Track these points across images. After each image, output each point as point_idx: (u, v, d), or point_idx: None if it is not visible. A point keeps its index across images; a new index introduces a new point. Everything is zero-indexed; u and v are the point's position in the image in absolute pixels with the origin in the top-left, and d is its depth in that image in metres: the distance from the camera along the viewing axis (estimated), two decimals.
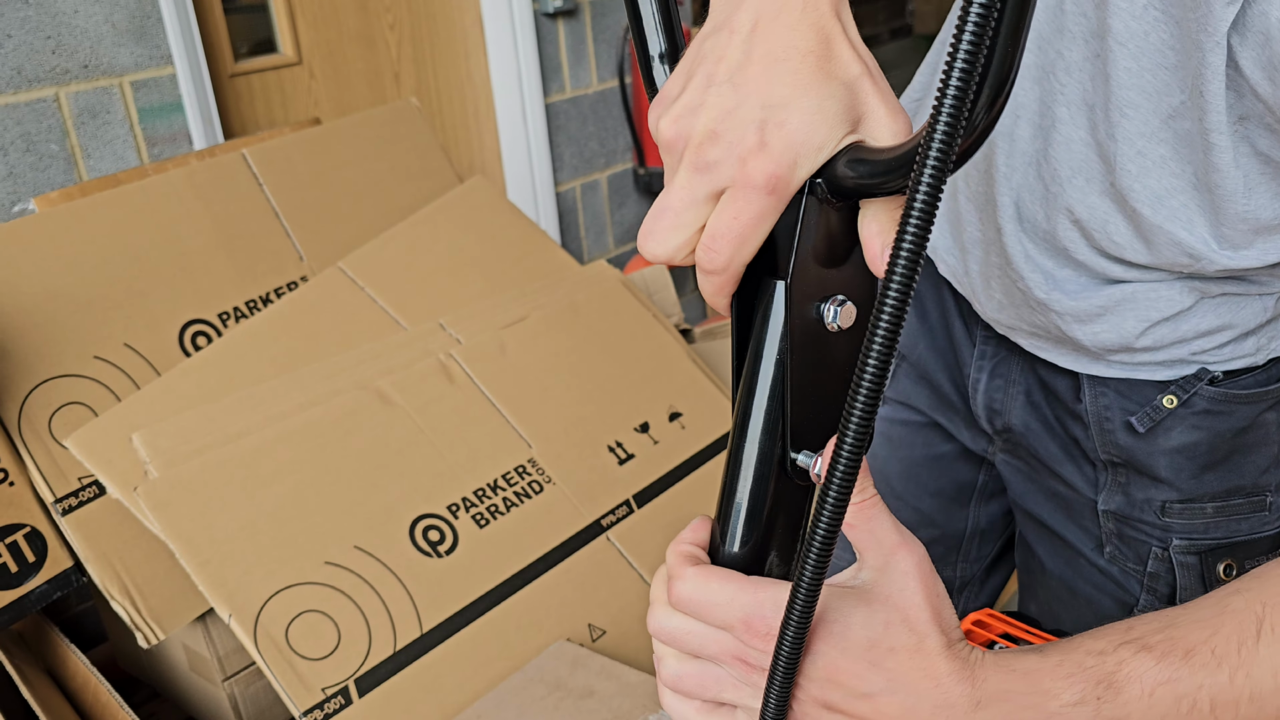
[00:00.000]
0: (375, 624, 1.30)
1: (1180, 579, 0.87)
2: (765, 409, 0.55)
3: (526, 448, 1.56)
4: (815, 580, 0.46)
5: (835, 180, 0.51)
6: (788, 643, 0.47)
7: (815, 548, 0.45)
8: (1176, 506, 0.86)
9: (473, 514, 1.45)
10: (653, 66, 0.60)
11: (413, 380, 1.54)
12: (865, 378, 0.42)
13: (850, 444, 0.43)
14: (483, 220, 1.84)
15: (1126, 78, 0.68)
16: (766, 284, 0.55)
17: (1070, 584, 0.95)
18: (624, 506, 1.57)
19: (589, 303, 1.80)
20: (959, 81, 0.37)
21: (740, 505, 0.56)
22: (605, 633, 1.44)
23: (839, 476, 0.44)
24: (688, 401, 1.75)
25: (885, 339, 0.40)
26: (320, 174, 1.72)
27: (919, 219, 0.38)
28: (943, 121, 0.38)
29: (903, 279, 0.40)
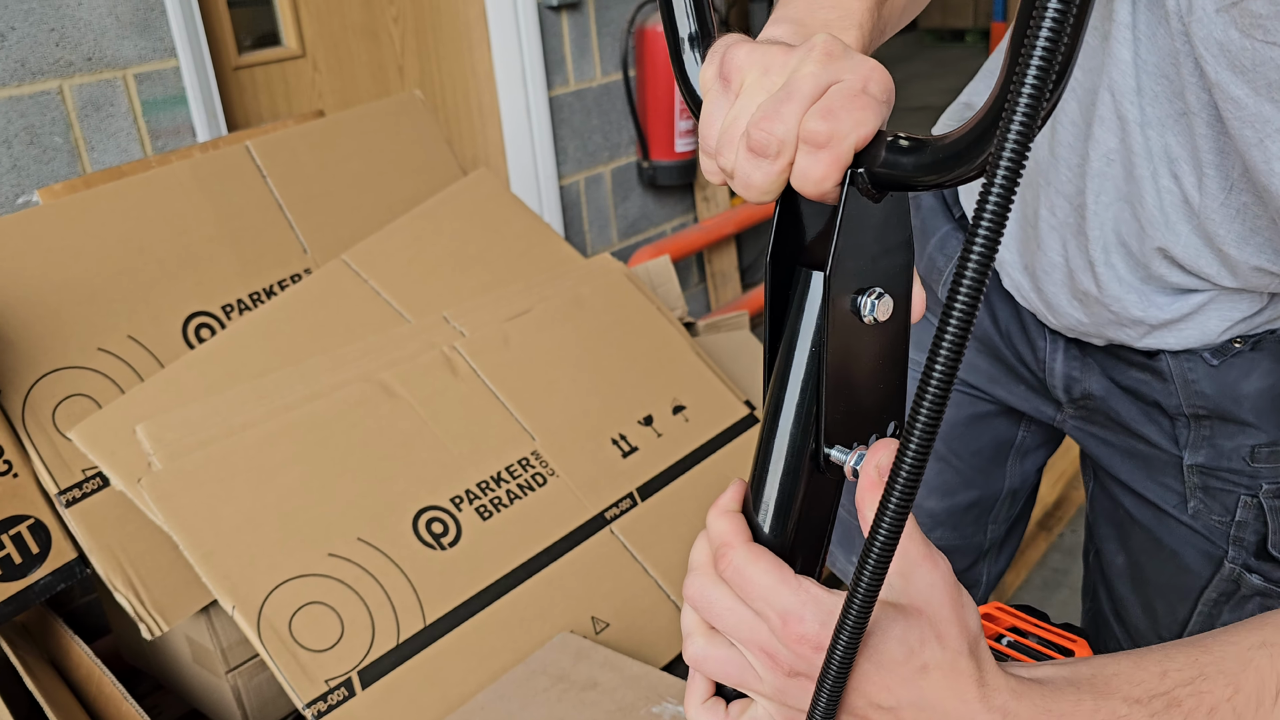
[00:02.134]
0: (378, 616, 1.30)
1: (1272, 523, 0.90)
2: (798, 402, 0.54)
3: (530, 440, 1.55)
4: (871, 593, 0.44)
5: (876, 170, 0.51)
6: (839, 653, 0.46)
7: (873, 558, 0.43)
8: (1264, 451, 0.89)
9: (476, 506, 1.45)
10: (682, 49, 0.60)
11: (416, 373, 1.54)
12: (933, 379, 0.39)
13: (914, 451, 0.40)
14: (487, 213, 1.84)
15: (1203, 143, 0.72)
16: (803, 275, 0.54)
17: (1158, 535, 0.98)
18: (628, 499, 1.57)
19: (593, 295, 1.79)
20: (1042, 58, 0.35)
21: (770, 498, 0.56)
22: (609, 625, 1.44)
23: (900, 488, 0.41)
24: (691, 395, 1.75)
25: (956, 335, 0.38)
26: (324, 166, 1.72)
27: (998, 200, 0.36)
28: (1025, 97, 0.36)
29: (972, 285, 0.37)
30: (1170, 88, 0.73)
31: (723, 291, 3.43)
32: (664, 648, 1.46)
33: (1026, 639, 0.80)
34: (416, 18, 2.56)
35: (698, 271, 3.43)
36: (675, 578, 1.52)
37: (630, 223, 3.19)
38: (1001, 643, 0.81)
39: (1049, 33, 0.34)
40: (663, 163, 3.08)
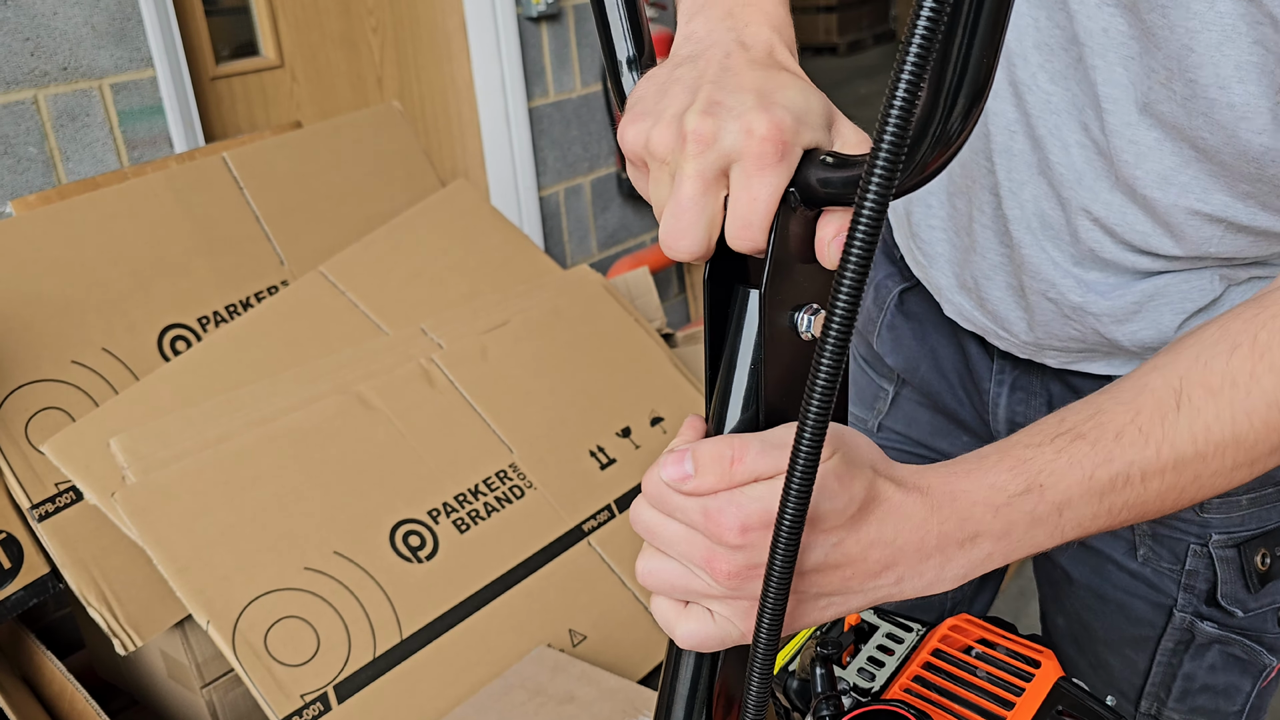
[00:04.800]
0: (355, 630, 1.30)
1: (1221, 573, 0.88)
2: (740, 418, 0.55)
3: (508, 452, 1.55)
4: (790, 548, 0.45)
5: (808, 187, 0.51)
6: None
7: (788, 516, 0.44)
8: (1215, 501, 0.87)
9: (454, 519, 1.45)
10: (621, 72, 0.60)
11: (394, 385, 1.53)
12: (820, 377, 0.42)
13: (809, 438, 0.42)
14: (465, 224, 1.84)
15: (1098, 75, 0.70)
16: (739, 292, 0.55)
17: (1099, 590, 0.95)
18: (605, 511, 1.57)
19: (571, 307, 1.80)
20: (908, 84, 0.37)
21: None
22: (586, 638, 1.44)
23: (800, 469, 0.43)
24: (670, 406, 1.75)
25: (841, 326, 0.40)
26: (301, 177, 1.71)
27: (867, 225, 0.38)
28: (893, 120, 0.37)
29: (855, 274, 0.39)
30: (1059, 29, 0.71)
31: (699, 302, 3.44)
32: (642, 659, 1.46)
33: (994, 650, 0.81)
34: (396, 28, 2.56)
35: (677, 282, 3.44)
36: None
37: (610, 234, 3.19)
38: (969, 654, 0.81)
39: (921, 36, 0.35)
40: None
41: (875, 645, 0.83)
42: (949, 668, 0.79)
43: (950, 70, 0.43)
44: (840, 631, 0.86)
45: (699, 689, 0.58)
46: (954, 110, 0.44)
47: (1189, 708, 0.92)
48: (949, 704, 0.75)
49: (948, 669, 0.79)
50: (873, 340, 1.03)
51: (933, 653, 0.80)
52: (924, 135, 0.44)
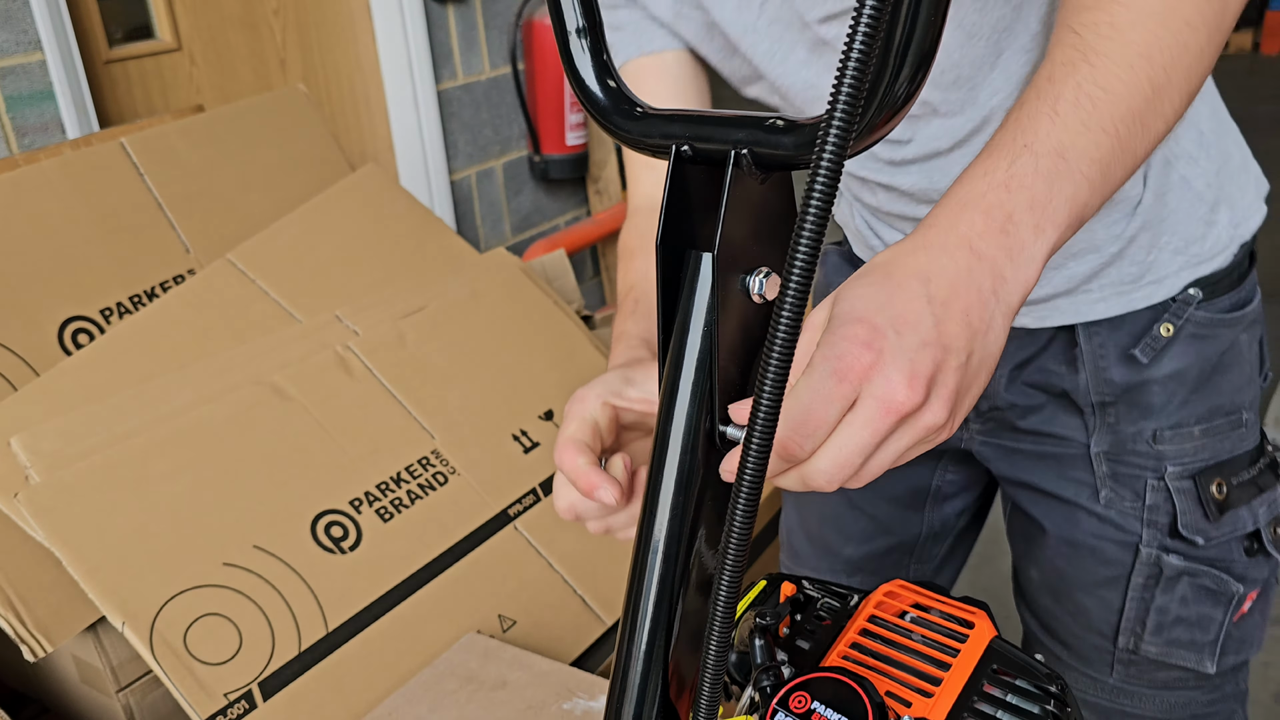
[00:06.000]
0: (278, 625, 1.26)
1: (1179, 505, 0.93)
2: (693, 382, 0.55)
3: (429, 439, 1.53)
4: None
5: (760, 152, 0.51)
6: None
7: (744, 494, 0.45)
8: (1167, 433, 0.92)
9: (376, 508, 1.42)
10: (570, 43, 0.59)
11: (310, 374, 1.50)
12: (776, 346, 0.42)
13: (768, 400, 0.43)
14: (377, 209, 1.80)
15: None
16: (692, 257, 0.54)
17: (1070, 538, 1.00)
18: (530, 495, 1.56)
19: (489, 291, 1.78)
20: (863, 43, 0.37)
21: (670, 476, 0.56)
22: (516, 623, 1.43)
23: (758, 434, 0.43)
24: None
25: (799, 286, 0.40)
26: (205, 163, 1.66)
27: (824, 184, 0.38)
28: (848, 79, 0.37)
29: (812, 233, 0.39)
30: None
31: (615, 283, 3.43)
32: (573, 642, 1.46)
33: (929, 613, 0.82)
34: (298, 10, 2.49)
35: (592, 265, 3.43)
36: (580, 572, 1.52)
37: (523, 217, 3.17)
38: (904, 619, 0.83)
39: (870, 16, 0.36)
40: (554, 156, 3.07)
41: (813, 615, 0.84)
42: (885, 633, 0.80)
43: (899, 33, 0.43)
44: (776, 602, 0.87)
45: (653, 676, 0.58)
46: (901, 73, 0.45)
47: (1165, 640, 0.97)
48: (887, 669, 0.76)
49: (884, 634, 0.80)
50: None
51: (869, 619, 0.81)
52: (873, 97, 0.44)
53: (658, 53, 0.92)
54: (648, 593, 0.57)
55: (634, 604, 0.58)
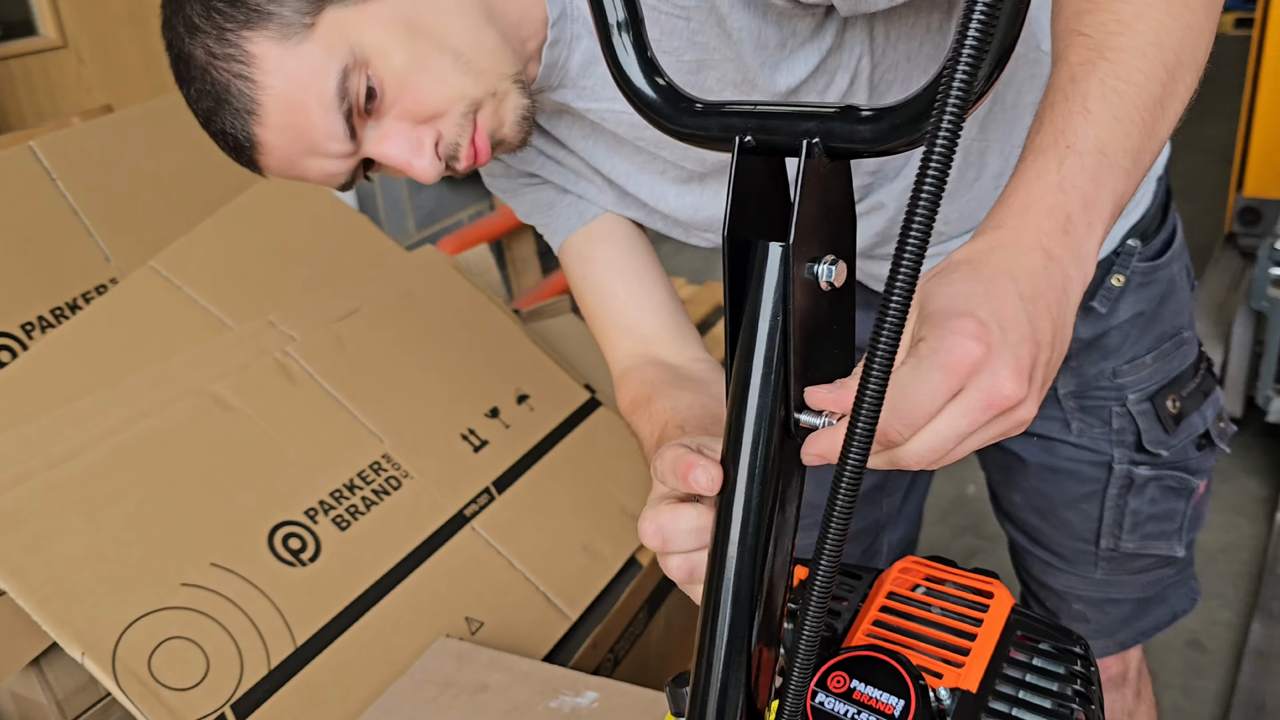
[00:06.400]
0: (245, 644, 1.22)
1: (1142, 425, 1.05)
2: (766, 372, 0.55)
3: (379, 443, 1.50)
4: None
5: (832, 141, 0.52)
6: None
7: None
8: (1125, 367, 1.03)
9: (332, 517, 1.38)
10: (612, 38, 0.59)
11: (250, 382, 1.44)
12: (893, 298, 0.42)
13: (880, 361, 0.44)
14: (300, 208, 1.75)
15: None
16: (760, 247, 0.55)
17: (1050, 465, 1.11)
18: (485, 494, 1.54)
19: (422, 289, 1.74)
20: (976, 38, 0.38)
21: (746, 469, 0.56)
22: (483, 624, 1.41)
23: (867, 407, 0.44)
24: (533, 383, 1.73)
25: (910, 265, 0.41)
26: (120, 166, 1.58)
27: (938, 163, 0.39)
28: (964, 63, 0.38)
29: (922, 220, 0.40)
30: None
31: (524, 278, 3.40)
32: (541, 639, 1.45)
33: (944, 585, 0.85)
34: None
35: (497, 259, 3.39)
36: (541, 569, 1.51)
37: (427, 213, 3.11)
38: (917, 591, 0.85)
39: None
40: None
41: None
42: (905, 608, 0.82)
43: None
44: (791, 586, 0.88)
45: (735, 673, 0.58)
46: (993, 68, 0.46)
47: (1140, 535, 1.10)
48: (913, 643, 0.78)
49: (905, 609, 0.82)
50: None
51: (888, 595, 0.83)
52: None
53: (598, 217, 0.96)
54: (729, 587, 0.57)
55: (714, 600, 0.57)
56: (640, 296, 0.97)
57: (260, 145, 0.76)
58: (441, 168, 0.80)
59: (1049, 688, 0.76)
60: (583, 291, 0.99)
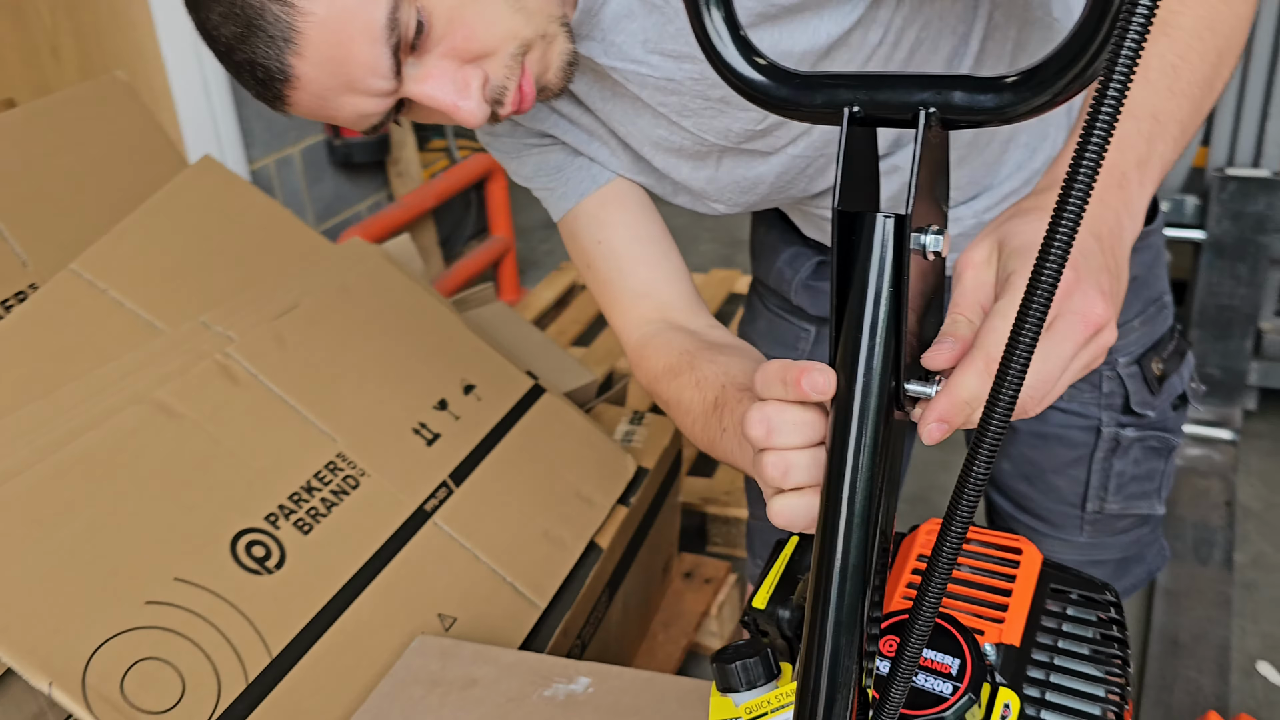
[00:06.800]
0: (219, 660, 1.17)
1: (1130, 387, 1.08)
2: (881, 344, 0.55)
3: (332, 442, 1.45)
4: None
5: (950, 112, 0.52)
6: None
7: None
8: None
9: (294, 521, 1.33)
10: (701, 13, 0.57)
11: (193, 386, 1.38)
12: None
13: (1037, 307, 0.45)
14: (222, 203, 1.67)
15: None
16: (869, 219, 0.55)
17: (1039, 431, 1.13)
18: (443, 488, 1.51)
19: (358, 282, 1.69)
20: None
21: (862, 442, 0.56)
22: (456, 620, 1.38)
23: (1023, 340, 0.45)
24: (478, 373, 1.70)
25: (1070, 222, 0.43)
26: (29, 164, 1.48)
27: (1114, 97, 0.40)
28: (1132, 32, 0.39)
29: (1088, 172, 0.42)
30: None
31: (428, 267, 3.34)
32: (513, 630, 1.43)
33: (970, 544, 0.87)
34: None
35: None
36: (506, 559, 1.49)
37: (326, 205, 3.02)
38: None
39: None
40: (356, 140, 2.94)
41: None
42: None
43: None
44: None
45: (847, 658, 0.58)
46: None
47: (1124, 496, 1.14)
48: (953, 603, 0.80)
49: None
50: (790, 296, 1.13)
51: (917, 558, 0.85)
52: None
53: (611, 181, 0.95)
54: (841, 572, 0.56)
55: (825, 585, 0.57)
56: (659, 260, 0.95)
57: (294, 78, 0.71)
58: (488, 112, 0.76)
59: (1085, 634, 0.78)
60: (595, 257, 0.97)
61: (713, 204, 0.96)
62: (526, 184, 1.00)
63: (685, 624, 2.06)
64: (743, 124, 0.86)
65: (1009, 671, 0.76)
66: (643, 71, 0.83)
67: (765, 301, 1.27)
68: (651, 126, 0.89)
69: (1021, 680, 0.76)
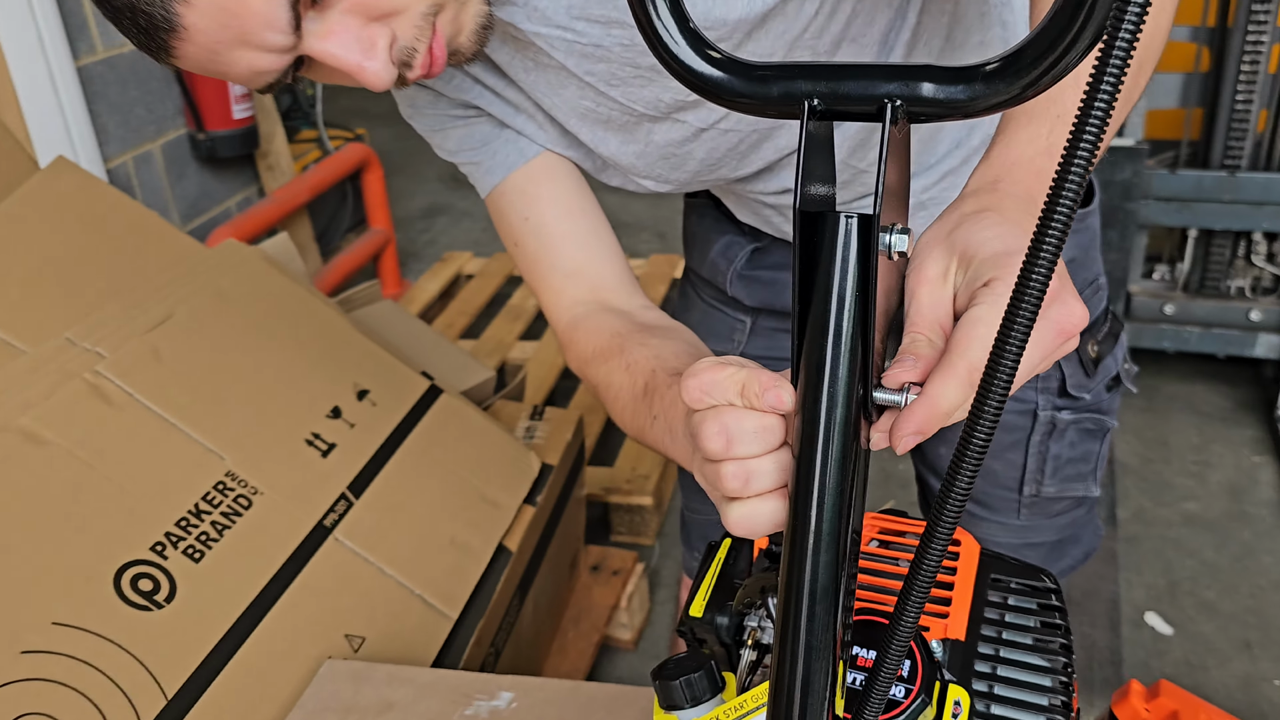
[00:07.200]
0: (109, 708, 1.08)
1: (1066, 370, 1.07)
2: (848, 351, 0.52)
3: (219, 460, 1.36)
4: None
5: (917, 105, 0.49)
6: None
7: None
8: None
9: (183, 549, 1.24)
10: (650, 11, 0.53)
11: (60, 410, 1.27)
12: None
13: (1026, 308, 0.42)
14: (81, 207, 1.55)
15: None
16: (832, 219, 0.51)
17: None
18: (342, 501, 1.43)
19: (236, 287, 1.59)
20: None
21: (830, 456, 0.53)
22: (365, 640, 1.32)
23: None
24: (371, 377, 1.62)
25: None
26: None
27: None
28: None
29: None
30: None
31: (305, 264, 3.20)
32: (426, 645, 1.37)
33: (904, 538, 0.85)
34: None
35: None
36: (413, 571, 1.42)
37: (191, 203, 2.86)
38: (873, 546, 0.85)
39: None
40: (221, 133, 2.79)
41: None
42: (874, 565, 0.82)
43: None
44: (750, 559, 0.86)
45: (820, 674, 0.55)
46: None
47: (1060, 479, 1.13)
48: (893, 600, 0.78)
49: (873, 567, 0.82)
50: (726, 288, 1.10)
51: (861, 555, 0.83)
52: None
53: (539, 155, 0.91)
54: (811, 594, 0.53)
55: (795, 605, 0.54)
56: (590, 238, 0.91)
57: (180, 28, 0.65)
58: (395, 74, 0.71)
59: (1028, 624, 0.78)
60: (523, 234, 0.92)
61: (642, 180, 0.92)
62: (452, 158, 0.95)
63: (595, 619, 2.03)
64: (673, 94, 0.82)
65: (957, 667, 0.75)
66: (568, 38, 0.79)
67: (700, 292, 1.23)
68: (578, 97, 0.85)
69: (970, 675, 0.75)
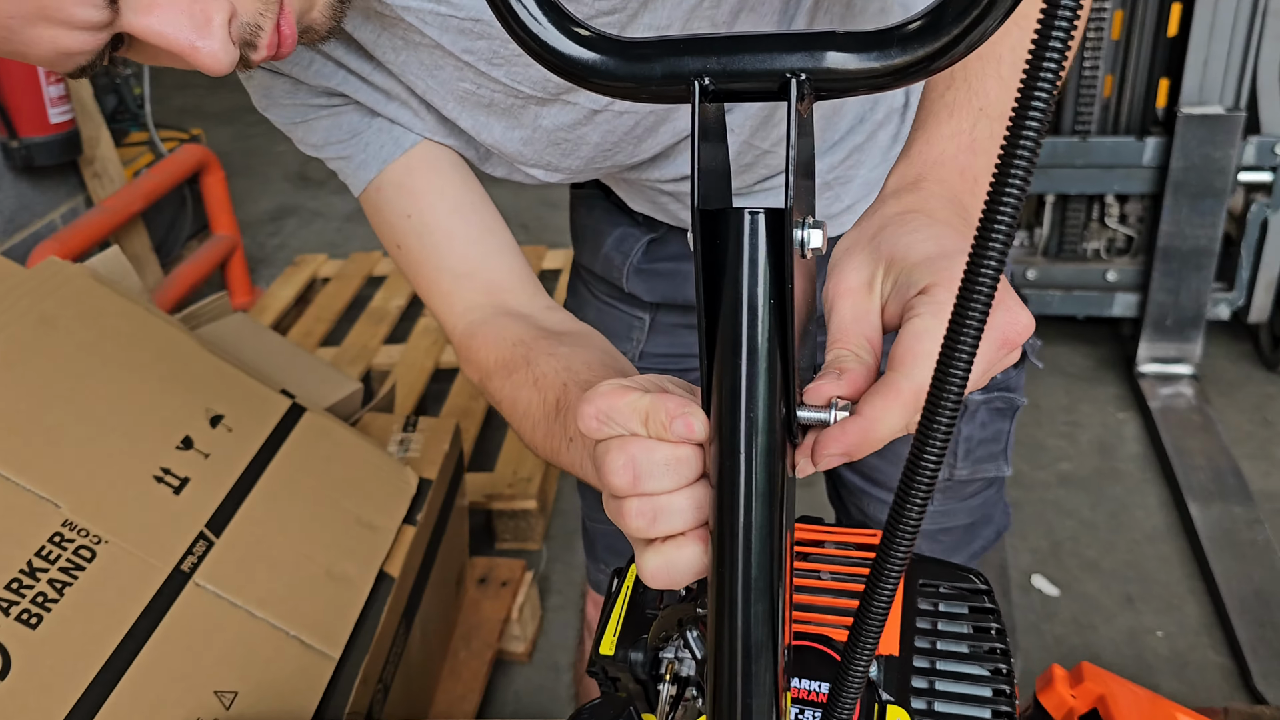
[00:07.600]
0: None
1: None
2: (766, 368, 0.45)
3: (54, 509, 1.21)
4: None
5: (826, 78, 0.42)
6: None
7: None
8: None
9: (16, 615, 1.10)
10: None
11: None
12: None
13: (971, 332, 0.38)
14: None
15: None
16: (736, 216, 0.44)
17: None
18: (200, 541, 1.30)
19: (62, 310, 1.43)
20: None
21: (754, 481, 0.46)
22: (237, 694, 1.20)
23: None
24: (224, 400, 1.49)
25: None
26: None
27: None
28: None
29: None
30: None
31: (144, 280, 2.99)
32: (307, 691, 1.26)
33: (822, 548, 0.80)
34: None
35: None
36: (286, 611, 1.31)
37: (7, 219, 2.63)
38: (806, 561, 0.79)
39: None
40: (37, 139, 2.57)
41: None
42: (799, 581, 0.76)
43: None
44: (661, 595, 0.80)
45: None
46: None
47: (972, 461, 1.10)
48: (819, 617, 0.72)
49: (798, 583, 0.76)
50: (623, 284, 1.05)
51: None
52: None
53: (417, 144, 0.83)
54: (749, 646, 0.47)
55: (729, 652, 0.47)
56: (482, 235, 0.82)
57: None
58: (235, 55, 0.60)
59: (962, 630, 0.73)
60: (405, 234, 0.82)
61: (530, 169, 0.84)
62: (318, 154, 0.84)
63: (487, 635, 1.93)
64: None
65: (893, 685, 0.70)
66: (442, 11, 0.70)
67: (593, 290, 1.15)
68: (455, 79, 0.75)
69: (908, 693, 0.70)
